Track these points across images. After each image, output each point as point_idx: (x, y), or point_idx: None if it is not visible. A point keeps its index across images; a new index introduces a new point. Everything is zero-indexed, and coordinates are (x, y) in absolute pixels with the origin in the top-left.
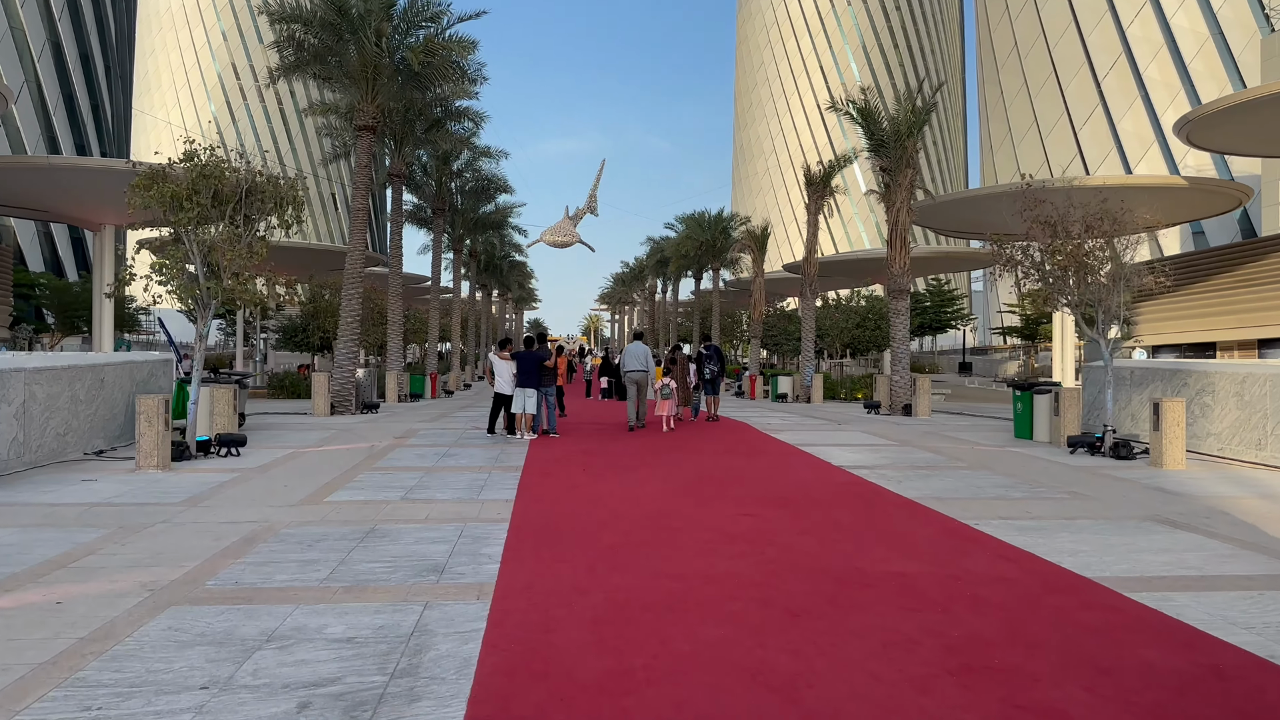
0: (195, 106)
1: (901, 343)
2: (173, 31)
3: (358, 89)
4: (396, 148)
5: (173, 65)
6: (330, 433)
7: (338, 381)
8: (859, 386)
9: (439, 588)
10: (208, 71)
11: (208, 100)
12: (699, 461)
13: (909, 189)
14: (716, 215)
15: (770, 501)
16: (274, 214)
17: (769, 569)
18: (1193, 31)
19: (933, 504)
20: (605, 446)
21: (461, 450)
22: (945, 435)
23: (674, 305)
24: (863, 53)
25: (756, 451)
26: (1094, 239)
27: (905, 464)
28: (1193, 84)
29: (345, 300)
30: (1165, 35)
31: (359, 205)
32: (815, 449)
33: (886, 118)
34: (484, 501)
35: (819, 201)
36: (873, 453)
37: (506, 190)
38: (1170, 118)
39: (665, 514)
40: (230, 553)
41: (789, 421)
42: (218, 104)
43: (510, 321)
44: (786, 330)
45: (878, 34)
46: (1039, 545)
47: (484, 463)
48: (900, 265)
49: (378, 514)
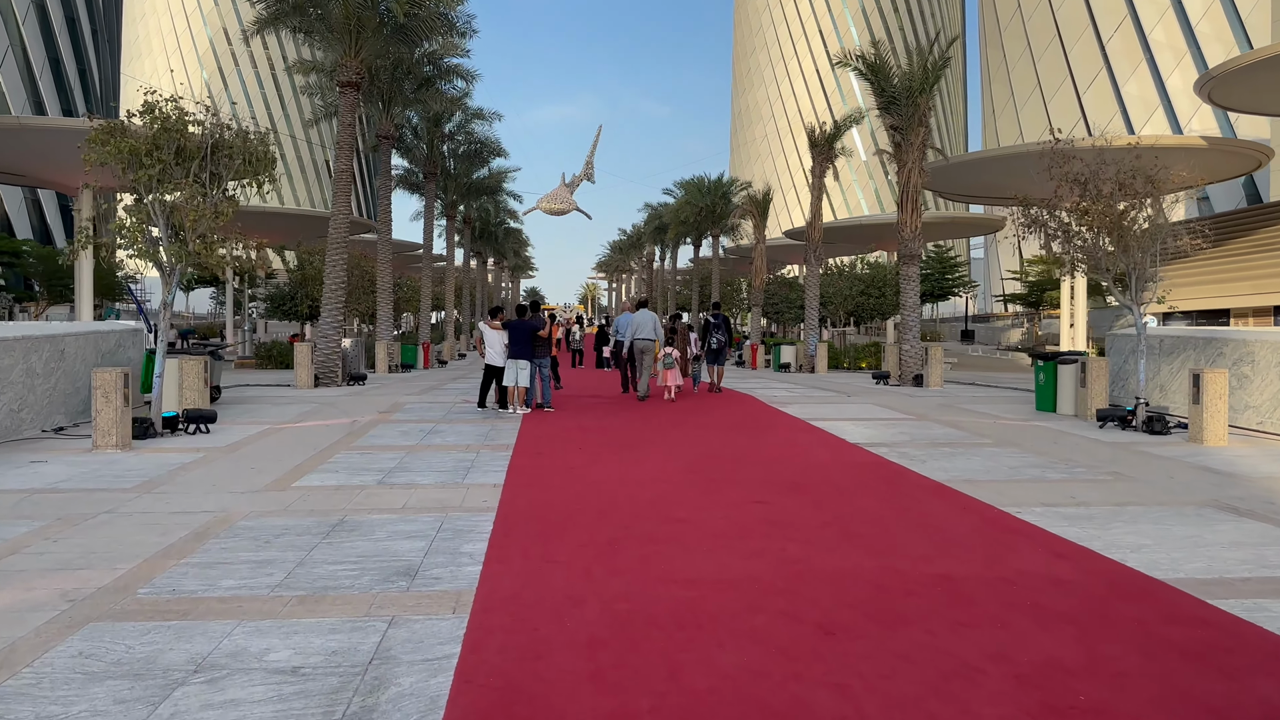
0: (186, 71)
1: (912, 310)
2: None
3: (341, 43)
4: (385, 108)
5: (163, 30)
6: (310, 407)
7: (322, 352)
8: (863, 356)
9: (409, 597)
10: (199, 36)
11: (199, 65)
12: (704, 439)
13: (921, 149)
14: (716, 180)
15: (785, 486)
16: (244, 172)
17: (792, 571)
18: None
19: (964, 488)
20: (603, 422)
21: (449, 427)
22: (962, 408)
23: (672, 273)
24: (862, 16)
25: (765, 427)
26: (1127, 198)
27: (925, 440)
28: (1199, 46)
29: (329, 267)
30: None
31: (343, 166)
32: (827, 424)
33: (898, 73)
34: (469, 487)
35: (823, 165)
36: (889, 428)
37: (500, 154)
38: (1176, 81)
39: (670, 501)
40: (175, 551)
41: (795, 393)
42: (209, 69)
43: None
44: (788, 298)
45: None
46: (1094, 538)
47: (472, 441)
48: (911, 229)
49: (349, 502)
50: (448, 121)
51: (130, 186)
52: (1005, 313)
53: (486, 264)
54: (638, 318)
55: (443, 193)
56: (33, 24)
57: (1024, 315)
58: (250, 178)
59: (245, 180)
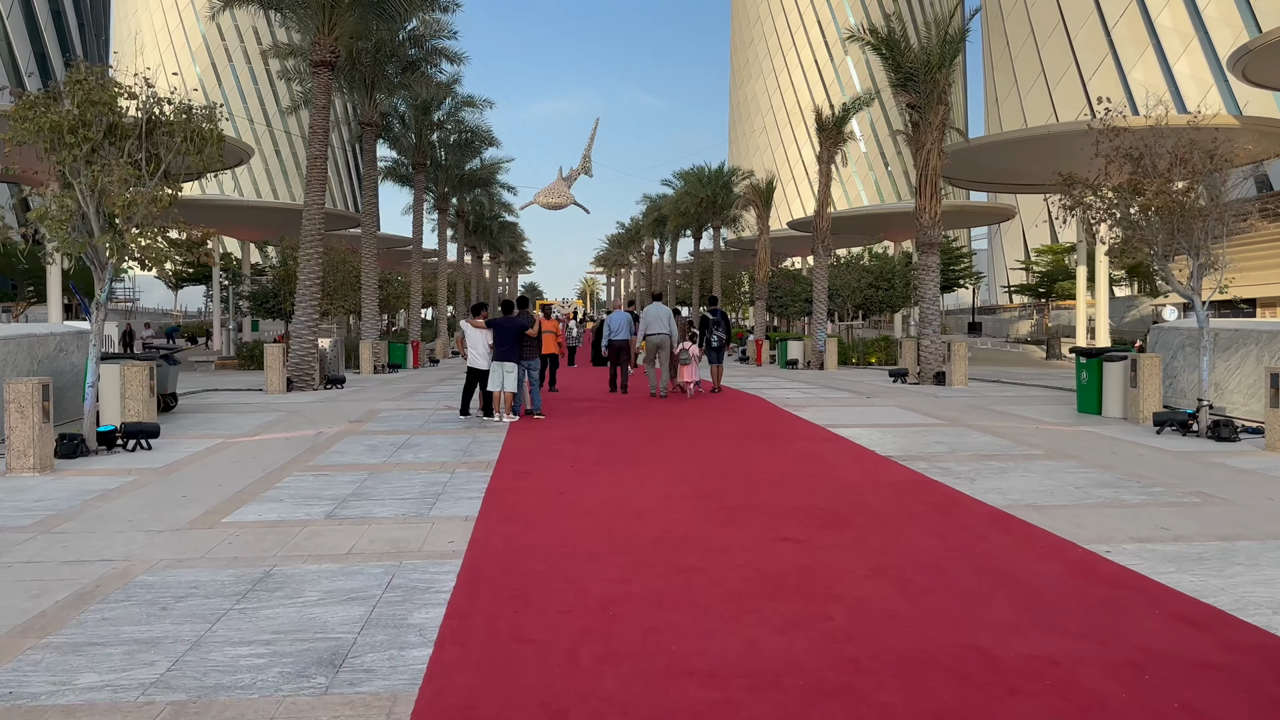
0: (180, 68)
1: (931, 303)
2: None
3: (314, 19)
4: (368, 94)
5: (155, 26)
6: (275, 415)
7: (296, 353)
8: (873, 350)
9: (323, 706)
10: (191, 32)
11: (192, 61)
12: (712, 451)
13: (940, 129)
14: (717, 170)
15: (815, 515)
16: (187, 151)
17: (843, 653)
18: None
19: (1030, 516)
20: (598, 430)
21: (425, 439)
22: (996, 410)
23: (672, 267)
24: (860, 5)
25: (780, 435)
26: (1187, 174)
27: (967, 452)
28: (1207, 31)
29: (303, 261)
30: None
31: (316, 153)
32: (849, 430)
33: (917, 45)
34: (435, 521)
35: (831, 150)
36: (921, 435)
37: (492, 143)
38: (1183, 66)
39: (677, 540)
40: (41, 623)
41: (808, 394)
42: (203, 65)
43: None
44: (793, 291)
45: None
46: (1217, 591)
47: (448, 457)
48: (930, 215)
49: (284, 545)
50: (437, 109)
51: (55, 170)
52: (1011, 304)
53: (482, 259)
54: (650, 311)
55: (433, 185)
56: (17, 17)
57: (1032, 306)
58: (195, 158)
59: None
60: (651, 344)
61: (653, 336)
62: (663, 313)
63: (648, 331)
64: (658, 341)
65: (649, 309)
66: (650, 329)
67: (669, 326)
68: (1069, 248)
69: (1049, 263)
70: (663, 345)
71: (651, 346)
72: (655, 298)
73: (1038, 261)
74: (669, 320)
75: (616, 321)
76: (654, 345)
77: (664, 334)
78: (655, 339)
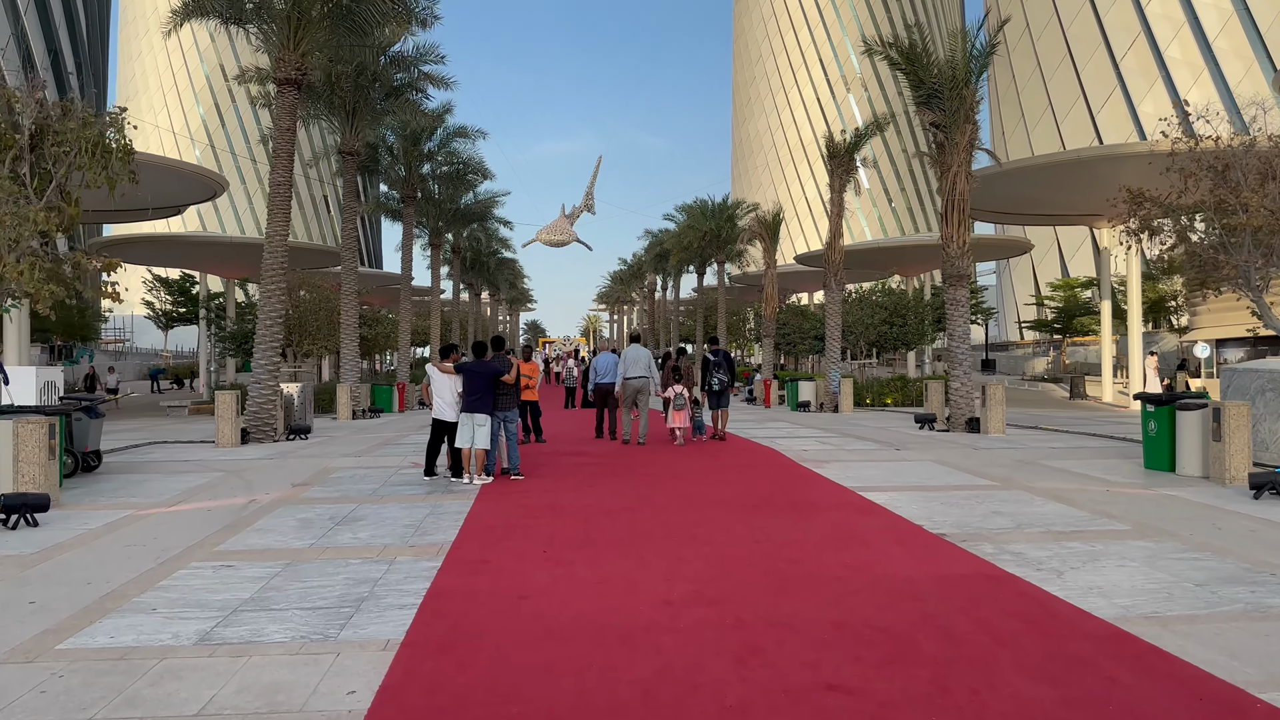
0: (184, 109)
1: (962, 340)
2: (159, 34)
3: (278, 34)
4: (350, 120)
5: (159, 68)
6: (210, 477)
7: (255, 400)
8: (888, 390)
9: None
10: (195, 74)
11: (195, 103)
12: (722, 526)
13: (968, 149)
14: (721, 203)
15: (867, 639)
16: (86, 166)
17: None
18: (1216, 7)
19: (1157, 636)
20: (584, 495)
21: (374, 509)
22: (1050, 467)
23: (675, 304)
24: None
25: (804, 503)
26: None
27: (1036, 526)
28: (1217, 63)
29: (263, 298)
30: (1187, 11)
31: (279, 179)
32: (886, 496)
33: (941, 56)
34: (342, 650)
35: (843, 177)
36: (973, 503)
37: (485, 175)
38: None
39: (678, 691)
40: None
41: (828, 444)
42: (206, 107)
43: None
44: (801, 328)
45: (877, 23)
46: None
47: (393, 538)
48: (959, 244)
49: (115, 696)
50: (428, 140)
51: None
52: (1023, 340)
53: (480, 296)
54: (628, 354)
55: (425, 219)
56: (13, 57)
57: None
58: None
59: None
60: (630, 389)
61: (630, 381)
62: (641, 356)
63: (625, 375)
64: (636, 386)
65: (626, 351)
66: (627, 373)
67: (648, 370)
68: (1085, 282)
69: (1064, 297)
70: (641, 390)
71: (630, 391)
72: (633, 339)
73: (1052, 296)
74: (648, 364)
75: (603, 364)
76: (632, 390)
77: (642, 378)
78: (633, 383)
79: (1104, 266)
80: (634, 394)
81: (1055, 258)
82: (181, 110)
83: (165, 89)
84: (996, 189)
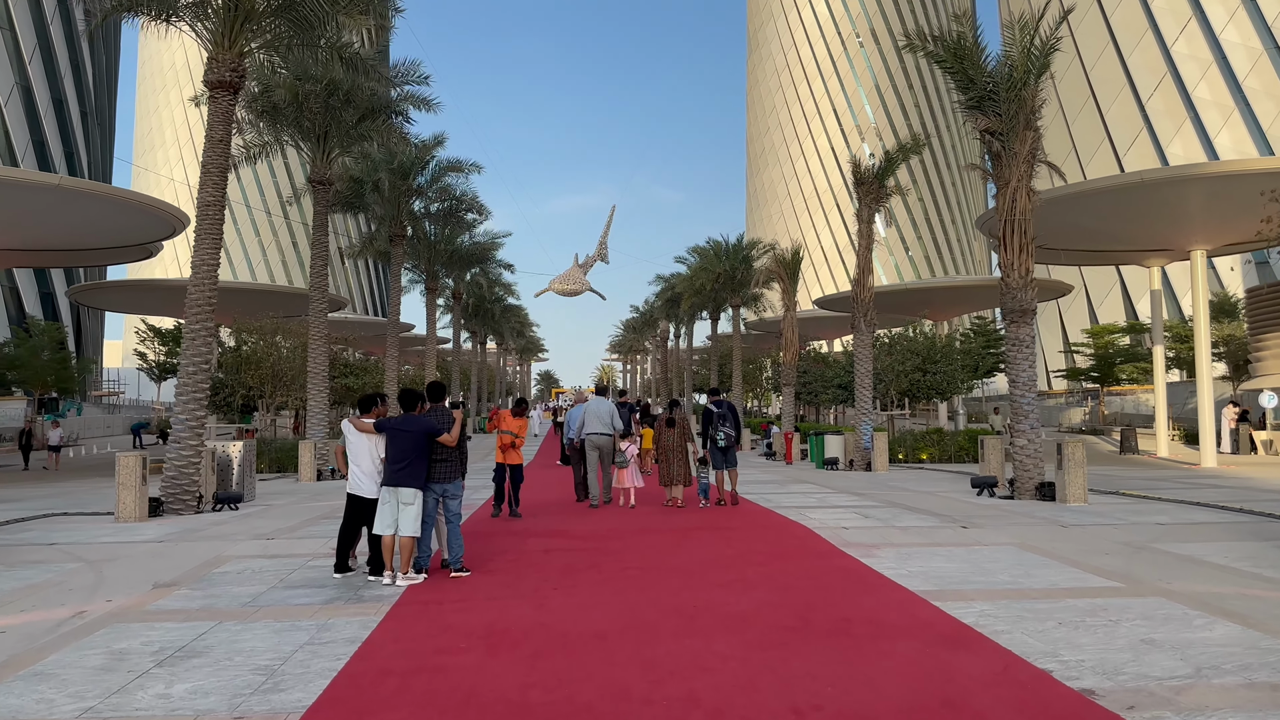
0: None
1: (1027, 388)
2: (175, 88)
3: (213, 30)
4: (320, 145)
5: (175, 122)
6: (60, 571)
7: (173, 464)
8: (923, 445)
9: None
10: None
11: None
12: (744, 675)
13: (1029, 161)
14: (735, 243)
15: None
16: None
17: None
18: (1245, 46)
19: None
20: (541, 608)
21: (229, 635)
22: (1172, 554)
23: (688, 352)
24: (876, 94)
25: (859, 624)
26: None
27: (1226, 669)
28: (1248, 102)
29: (187, 340)
30: (1215, 51)
31: (208, 198)
32: (974, 610)
33: (999, 52)
34: None
35: (872, 207)
36: (1106, 624)
37: (480, 211)
38: (1224, 140)
39: None
40: None
41: (871, 518)
42: None
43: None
44: (824, 376)
45: (891, 74)
46: None
47: (224, 696)
48: (1020, 273)
49: None
50: (419, 174)
51: None
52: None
53: (485, 345)
54: (590, 407)
55: (417, 260)
56: (15, 104)
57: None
58: None
59: None
60: (590, 444)
61: (592, 436)
62: (603, 409)
63: (586, 431)
64: (597, 442)
65: (589, 404)
66: (588, 428)
67: (610, 424)
68: (1127, 327)
69: (1100, 344)
70: (603, 447)
71: (589, 448)
72: (599, 391)
73: (1087, 343)
74: (610, 417)
75: (574, 417)
76: (592, 446)
77: (605, 434)
78: (595, 439)
79: (1157, 307)
80: (595, 450)
81: (1083, 303)
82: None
83: (181, 142)
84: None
